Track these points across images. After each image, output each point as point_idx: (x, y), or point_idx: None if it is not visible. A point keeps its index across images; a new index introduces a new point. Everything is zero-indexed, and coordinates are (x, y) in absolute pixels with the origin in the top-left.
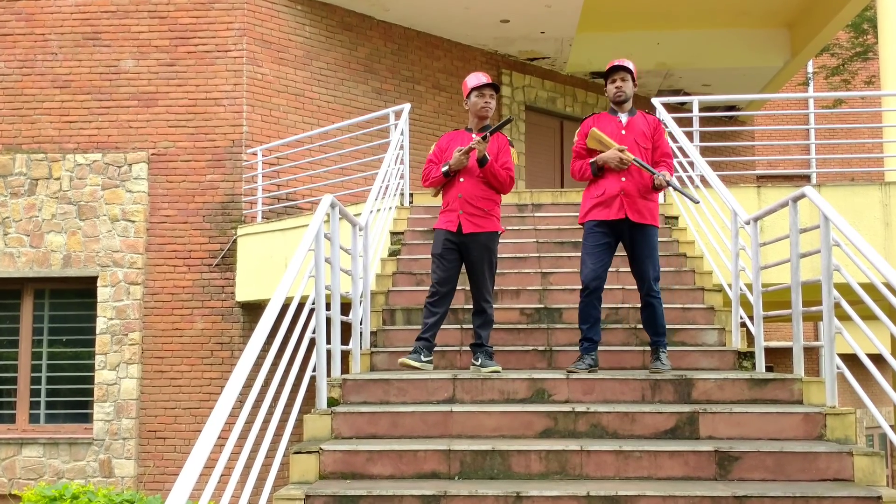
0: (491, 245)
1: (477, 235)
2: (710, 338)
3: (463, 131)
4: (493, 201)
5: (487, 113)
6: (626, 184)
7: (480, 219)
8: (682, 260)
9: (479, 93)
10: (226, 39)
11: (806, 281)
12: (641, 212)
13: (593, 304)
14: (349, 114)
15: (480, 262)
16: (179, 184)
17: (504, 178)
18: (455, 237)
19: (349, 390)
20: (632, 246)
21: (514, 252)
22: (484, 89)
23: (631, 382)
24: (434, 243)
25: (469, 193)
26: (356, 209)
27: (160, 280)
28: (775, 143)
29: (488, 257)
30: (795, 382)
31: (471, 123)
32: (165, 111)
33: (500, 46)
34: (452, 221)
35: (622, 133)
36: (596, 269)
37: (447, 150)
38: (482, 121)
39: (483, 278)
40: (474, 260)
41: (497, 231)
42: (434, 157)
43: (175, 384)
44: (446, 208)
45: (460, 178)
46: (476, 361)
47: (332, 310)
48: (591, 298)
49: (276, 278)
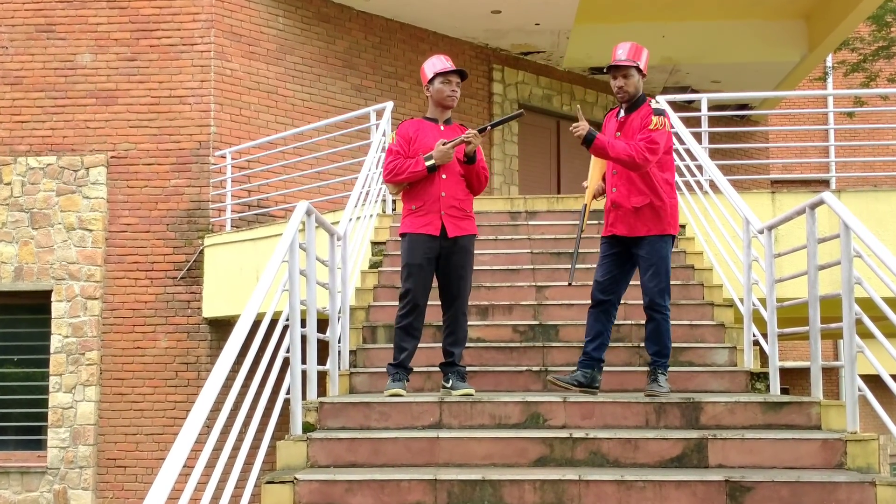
0: (472, 249)
1: (460, 239)
2: (720, 357)
3: (425, 121)
4: (470, 202)
5: (453, 102)
6: (617, 196)
7: (464, 221)
8: (690, 272)
9: (444, 79)
10: (191, 32)
11: (825, 295)
12: (633, 224)
13: (597, 317)
14: (326, 113)
15: (464, 268)
16: (141, 189)
17: (483, 179)
18: (435, 242)
19: (326, 414)
20: (637, 258)
21: (506, 264)
22: (450, 76)
23: (634, 406)
24: (408, 251)
25: (453, 192)
26: (334, 217)
27: (120, 294)
28: (791, 145)
29: (471, 262)
30: (813, 406)
31: (431, 113)
32: (126, 110)
33: (491, 39)
34: (433, 224)
35: (616, 135)
36: (602, 282)
37: (415, 142)
38: (445, 111)
39: (465, 286)
40: (455, 266)
41: (476, 233)
42: (400, 148)
43: (137, 408)
44: (421, 209)
45: (442, 174)
46: (447, 384)
47: (308, 327)
48: (596, 311)
49: (246, 292)
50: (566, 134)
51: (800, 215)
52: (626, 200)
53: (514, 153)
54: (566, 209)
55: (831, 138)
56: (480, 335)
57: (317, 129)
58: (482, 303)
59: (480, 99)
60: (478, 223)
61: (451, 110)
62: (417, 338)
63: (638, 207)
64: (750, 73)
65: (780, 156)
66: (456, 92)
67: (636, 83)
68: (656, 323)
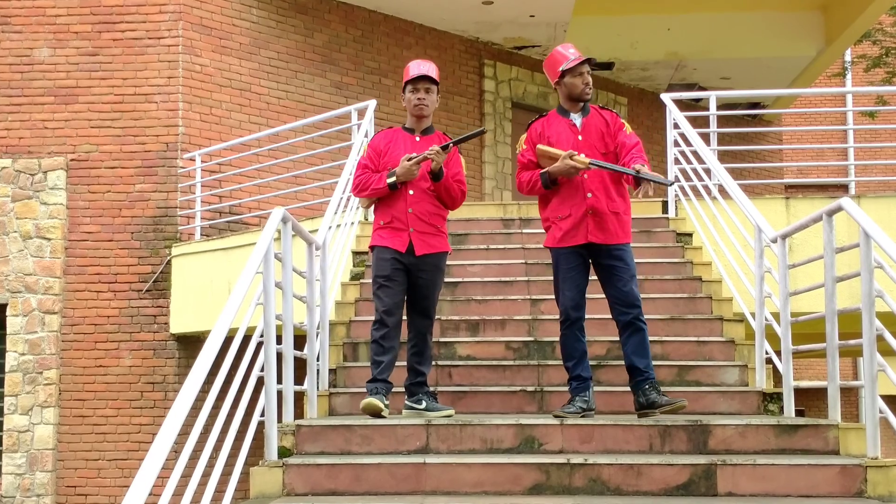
0: (443, 266)
1: (429, 257)
2: (729, 376)
3: (400, 130)
4: (442, 217)
5: (423, 112)
6: (594, 201)
7: (433, 237)
8: (697, 285)
9: (412, 87)
10: (158, 25)
11: (843, 309)
12: (613, 230)
13: (577, 337)
14: (304, 112)
15: (432, 287)
16: (104, 195)
17: (456, 193)
18: (404, 258)
19: (304, 438)
20: (609, 267)
21: (498, 275)
22: (418, 82)
23: (636, 429)
24: (376, 264)
25: (420, 209)
26: (312, 225)
27: (81, 308)
28: (807, 147)
29: (440, 281)
30: (831, 429)
31: (408, 122)
32: (87, 109)
33: (483, 33)
34: (401, 240)
35: (578, 139)
36: (575, 296)
37: (386, 155)
38: (421, 120)
39: (431, 305)
40: (424, 284)
41: (448, 251)
42: (370, 161)
43: (99, 431)
44: (389, 224)
45: (409, 190)
46: (417, 405)
47: (284, 343)
48: (573, 330)
49: (217, 306)
50: None
51: (816, 223)
52: (605, 206)
53: (507, 156)
54: None
55: (850, 140)
56: (471, 352)
57: (293, 130)
58: (472, 317)
59: (471, 97)
60: (468, 231)
61: (426, 119)
62: (393, 352)
63: (617, 213)
64: (762, 69)
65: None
66: (424, 100)
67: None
68: (643, 334)
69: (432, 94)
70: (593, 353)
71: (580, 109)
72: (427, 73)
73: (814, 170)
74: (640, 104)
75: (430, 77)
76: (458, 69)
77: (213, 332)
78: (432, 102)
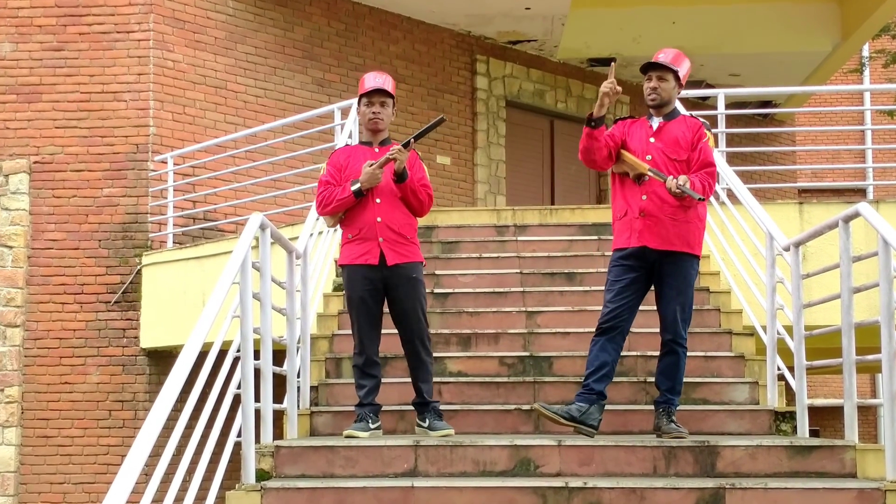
0: (420, 276)
1: (402, 267)
2: (739, 394)
3: (359, 146)
4: (412, 226)
5: (379, 125)
6: (648, 203)
7: (404, 247)
8: (705, 296)
9: (367, 100)
10: (127, 18)
11: (861, 322)
12: (668, 237)
13: (604, 347)
14: (283, 111)
15: (412, 299)
16: (69, 200)
17: (424, 197)
18: (376, 272)
19: (284, 460)
20: (659, 280)
21: (491, 286)
22: (373, 95)
23: (640, 450)
24: (347, 284)
25: (389, 217)
26: (292, 232)
27: (45, 321)
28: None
29: (420, 291)
30: (847, 450)
31: (365, 137)
32: (52, 108)
33: (475, 26)
34: (371, 253)
35: (650, 140)
36: (614, 308)
37: (346, 169)
38: (378, 134)
39: (416, 318)
40: (403, 297)
41: (422, 261)
42: (331, 177)
43: (64, 452)
44: (357, 236)
45: (375, 198)
46: (423, 423)
47: (262, 359)
48: (602, 339)
49: (191, 319)
50: (561, 135)
51: (831, 230)
52: (659, 209)
53: (500, 158)
54: (561, 222)
55: (868, 140)
56: (462, 368)
57: (272, 130)
58: (464, 331)
59: (462, 95)
60: (459, 238)
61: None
62: (375, 374)
63: (674, 218)
64: (774, 66)
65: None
66: (379, 113)
67: (671, 90)
68: (677, 357)
69: (388, 108)
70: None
71: (665, 114)
72: (382, 87)
73: (829, 173)
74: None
75: (384, 90)
76: (449, 65)
77: (187, 347)
78: (387, 116)
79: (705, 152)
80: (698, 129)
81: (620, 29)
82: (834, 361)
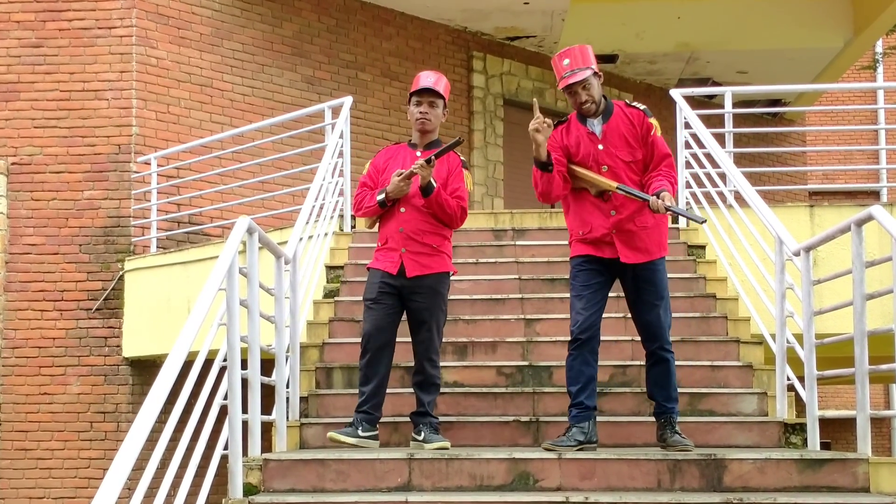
0: (440, 289)
1: (423, 278)
2: (747, 405)
3: (405, 146)
4: (442, 236)
5: (426, 126)
6: (619, 218)
7: (428, 258)
8: (711, 303)
9: (416, 99)
10: (109, 13)
11: (874, 330)
12: (645, 248)
13: (586, 360)
14: (272, 110)
15: (429, 312)
16: (49, 203)
17: (454, 210)
18: (395, 280)
19: (272, 474)
20: (635, 289)
21: (489, 292)
22: (423, 95)
23: (643, 464)
24: (367, 286)
25: (413, 227)
26: (281, 236)
27: (23, 329)
28: (833, 149)
29: (438, 304)
30: (860, 464)
31: (413, 137)
32: (30, 107)
33: (471, 22)
34: (393, 262)
35: (599, 149)
36: (589, 316)
37: (385, 172)
38: (425, 135)
39: (430, 332)
40: (420, 308)
41: (448, 271)
42: (369, 178)
43: (43, 466)
44: (384, 245)
45: (401, 207)
46: (418, 436)
47: (250, 368)
48: (583, 352)
49: (176, 327)
50: None
51: (844, 234)
52: (632, 222)
53: (498, 159)
54: (561, 226)
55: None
56: (458, 378)
57: (260, 130)
58: (460, 339)
59: (458, 94)
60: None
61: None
62: (378, 382)
63: (646, 227)
64: (783, 62)
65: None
66: (427, 114)
67: (598, 89)
68: (667, 364)
69: (437, 109)
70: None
71: (601, 112)
72: (432, 87)
73: (841, 174)
74: (647, 101)
75: (435, 91)
76: (444, 62)
77: (171, 356)
78: (436, 117)
79: (658, 145)
80: (643, 120)
81: (623, 24)
82: (846, 371)
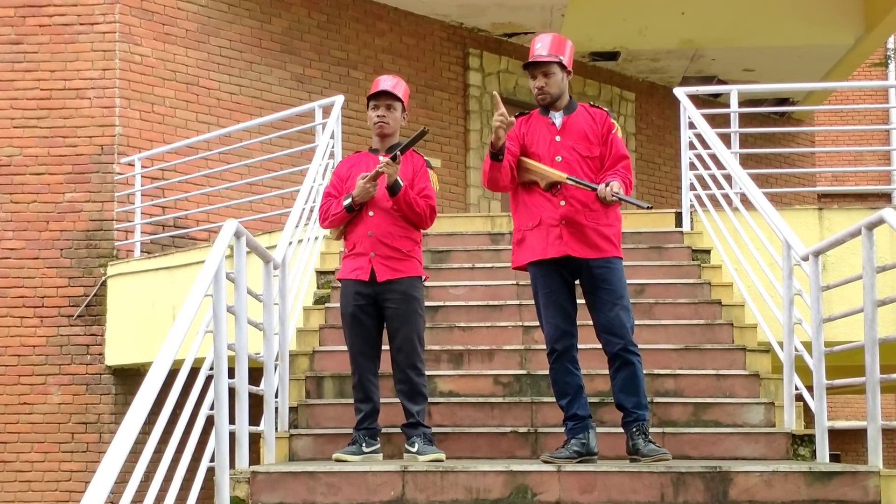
0: (415, 293)
1: (396, 283)
2: (753, 415)
3: (366, 153)
4: (412, 240)
5: (384, 129)
6: (568, 209)
7: (398, 262)
8: (716, 309)
9: (373, 103)
10: (91, 9)
11: (885, 338)
12: (596, 243)
13: (568, 370)
14: (260, 109)
15: (405, 317)
16: (28, 205)
17: (423, 209)
18: (367, 288)
19: (260, 487)
20: (592, 289)
21: (485, 298)
22: (379, 98)
23: (645, 476)
24: (341, 300)
25: (382, 231)
26: (270, 240)
27: (2, 337)
28: (843, 150)
29: (415, 309)
30: (871, 477)
31: (374, 143)
32: (9, 106)
33: (467, 18)
34: (362, 268)
35: (556, 140)
36: (560, 324)
37: (349, 180)
38: (385, 139)
39: (409, 339)
40: (395, 315)
41: (420, 276)
42: (333, 188)
43: (23, 478)
44: (352, 252)
45: (369, 211)
46: (412, 448)
47: (238, 377)
48: (563, 363)
49: (160, 334)
50: None
51: (854, 238)
52: (582, 215)
53: None
54: None
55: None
56: (453, 388)
57: (248, 130)
58: (455, 347)
59: (453, 92)
60: (450, 247)
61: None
62: (371, 397)
63: (596, 222)
64: (791, 60)
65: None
66: (384, 117)
67: (560, 83)
68: (633, 367)
69: (395, 112)
70: (594, 389)
71: (563, 107)
72: (390, 90)
73: (851, 176)
74: (649, 100)
75: (391, 93)
76: (439, 60)
77: (156, 365)
78: (395, 120)
79: (617, 145)
80: (605, 119)
81: (625, 20)
82: (856, 380)
